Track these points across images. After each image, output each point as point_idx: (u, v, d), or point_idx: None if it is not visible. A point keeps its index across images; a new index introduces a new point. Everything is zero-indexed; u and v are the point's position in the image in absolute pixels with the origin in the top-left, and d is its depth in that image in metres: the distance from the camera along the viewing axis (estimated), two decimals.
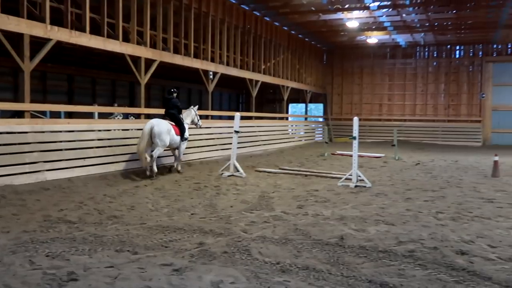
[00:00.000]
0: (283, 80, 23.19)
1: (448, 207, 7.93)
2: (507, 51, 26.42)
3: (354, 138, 10.54)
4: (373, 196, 9.04)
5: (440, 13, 20.47)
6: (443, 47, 27.65)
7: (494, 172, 12.31)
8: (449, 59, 27.55)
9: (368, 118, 28.91)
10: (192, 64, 15.71)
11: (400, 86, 28.54)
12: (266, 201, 8.35)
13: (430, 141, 26.70)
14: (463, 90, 27.24)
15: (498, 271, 4.68)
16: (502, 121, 26.36)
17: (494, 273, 4.59)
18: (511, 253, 5.28)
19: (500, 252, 5.30)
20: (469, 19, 21.22)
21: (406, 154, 18.87)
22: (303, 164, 14.87)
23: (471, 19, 21.20)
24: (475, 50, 27.06)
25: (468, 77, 27.18)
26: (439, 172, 13.21)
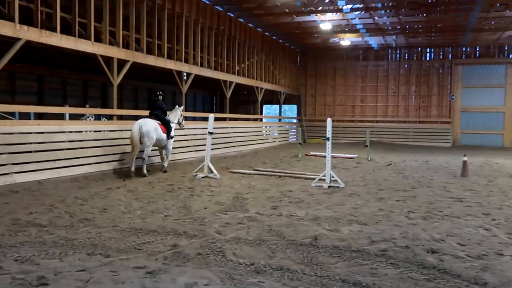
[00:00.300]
0: (257, 82, 23.23)
1: (419, 207, 8.07)
2: (475, 54, 27.09)
3: (327, 139, 10.63)
4: (346, 196, 9.13)
5: (411, 16, 20.85)
6: (414, 49, 28.16)
7: (463, 172, 12.59)
8: (420, 62, 28.08)
9: (342, 119, 29.20)
10: (166, 65, 15.59)
11: (372, 87, 28.94)
12: (240, 202, 8.34)
13: (402, 141, 27.16)
14: (433, 92, 27.80)
15: (467, 268, 4.78)
16: (470, 122, 27.01)
17: (463, 271, 4.69)
18: (480, 250, 5.41)
19: (469, 250, 5.42)
20: (439, 23, 21.68)
21: (378, 154, 19.13)
22: (277, 165, 14.92)
23: (441, 23, 21.67)
24: (445, 52, 27.66)
25: (438, 79, 27.76)
26: (411, 172, 13.43)
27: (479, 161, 16.96)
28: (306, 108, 30.36)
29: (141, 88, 25.63)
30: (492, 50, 26.66)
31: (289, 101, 30.51)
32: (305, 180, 11.34)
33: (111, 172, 11.93)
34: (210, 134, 12.12)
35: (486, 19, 20.49)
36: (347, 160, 16.69)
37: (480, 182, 11.45)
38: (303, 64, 30.31)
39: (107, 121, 14.17)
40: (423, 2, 18.41)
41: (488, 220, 7.05)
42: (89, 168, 11.50)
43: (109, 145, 12.49)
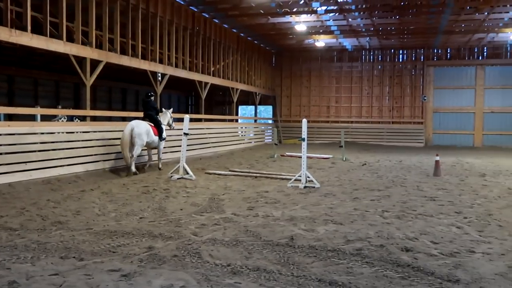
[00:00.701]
0: (232, 82, 23.21)
1: (393, 206, 8.18)
2: (446, 56, 27.64)
3: (303, 140, 10.69)
4: (322, 196, 9.19)
5: (384, 18, 21.16)
6: (387, 51, 28.54)
7: (435, 171, 12.82)
8: (393, 63, 28.48)
9: (317, 120, 29.40)
10: (140, 65, 15.44)
11: (346, 88, 29.22)
12: (216, 203, 8.31)
13: (376, 142, 27.52)
14: (406, 93, 28.23)
15: (440, 266, 4.87)
16: (442, 123, 27.56)
17: (436, 268, 4.78)
18: (452, 248, 5.52)
19: (442, 248, 5.52)
20: (411, 25, 22.05)
21: (353, 155, 19.33)
22: (253, 165, 14.93)
23: (413, 25, 22.04)
24: (417, 54, 28.12)
25: (411, 80, 28.21)
26: (385, 172, 13.62)
27: (451, 160, 17.30)
28: (281, 108, 30.46)
29: (115, 89, 25.32)
30: (463, 52, 27.24)
31: (265, 102, 30.56)
32: (281, 181, 11.37)
33: (84, 174, 11.75)
34: (186, 135, 12.06)
35: (457, 21, 20.94)
36: (322, 161, 16.81)
37: (452, 181, 11.68)
38: (278, 65, 30.41)
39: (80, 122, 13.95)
40: (396, 4, 18.70)
41: (460, 218, 7.19)
42: (62, 170, 11.30)
43: (83, 146, 12.31)
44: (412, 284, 4.36)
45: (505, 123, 26.44)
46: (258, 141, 26.70)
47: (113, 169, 12.89)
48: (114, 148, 13.48)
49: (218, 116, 25.21)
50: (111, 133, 13.63)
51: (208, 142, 19.75)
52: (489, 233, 6.31)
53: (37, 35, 11.22)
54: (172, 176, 11.58)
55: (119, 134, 13.95)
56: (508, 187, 10.70)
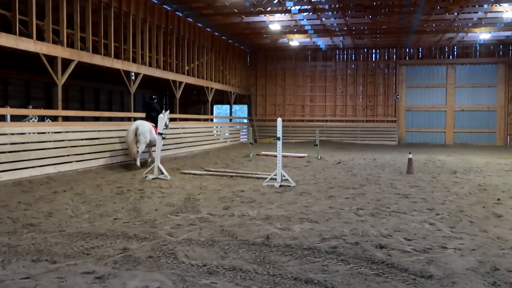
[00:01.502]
0: (207, 82, 23.12)
1: (368, 204, 8.28)
2: (418, 55, 28.10)
3: (278, 139, 10.72)
4: (297, 195, 9.24)
5: (357, 18, 21.38)
6: (360, 50, 28.85)
7: (408, 169, 13.04)
8: (366, 62, 28.81)
9: (292, 119, 29.52)
10: (113, 64, 15.24)
11: (321, 87, 29.42)
12: (191, 203, 8.28)
13: (350, 140, 27.80)
14: (379, 92, 28.59)
15: (413, 262, 4.95)
16: (415, 121, 28.02)
17: (410, 265, 4.86)
18: (425, 244, 5.62)
19: (415, 245, 5.62)
20: (384, 24, 22.35)
21: (328, 153, 19.49)
22: (228, 165, 14.93)
23: (385, 24, 22.34)
24: (390, 53, 28.51)
25: (384, 79, 28.58)
26: (359, 170, 13.78)
27: (423, 158, 17.61)
28: (256, 108, 30.49)
29: (88, 89, 24.93)
30: (434, 51, 27.74)
31: (240, 101, 30.54)
32: (257, 180, 11.39)
33: (57, 175, 11.54)
34: (160, 135, 11.98)
35: (428, 21, 21.32)
36: (297, 159, 16.90)
37: (424, 178, 11.89)
38: (253, 64, 30.42)
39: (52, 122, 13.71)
40: (369, 4, 18.92)
41: (433, 215, 7.33)
42: (33, 172, 11.08)
43: (54, 147, 12.10)
44: (387, 280, 4.42)
45: (475, 121, 27.07)
46: (234, 141, 26.67)
47: (86, 170, 12.71)
48: (87, 149, 13.30)
49: (193, 116, 25.09)
50: (84, 133, 13.43)
51: (183, 141, 19.63)
52: (460, 229, 6.45)
53: (6, 34, 10.95)
54: (146, 176, 11.48)
55: (92, 134, 13.77)
56: (478, 183, 10.94)
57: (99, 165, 13.46)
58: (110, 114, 19.60)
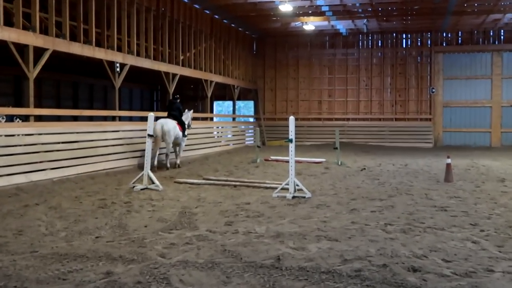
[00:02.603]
0: (205, 74, 23.17)
1: (398, 218, 8.24)
2: (457, 41, 28.02)
3: (290, 141, 10.70)
4: (313, 208, 9.21)
5: None
6: (388, 35, 28.84)
7: (446, 176, 12.96)
8: (395, 49, 28.78)
9: (306, 117, 29.55)
10: (94, 54, 15.31)
11: (341, 80, 29.42)
12: (188, 218, 8.28)
13: (377, 142, 27.75)
14: (411, 84, 28.54)
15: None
16: (454, 119, 27.93)
17: None
18: (467, 267, 5.56)
19: (455, 267, 5.57)
20: (416, 4, 22.28)
21: (350, 158, 19.44)
22: (231, 172, 14.93)
23: (417, 4, 22.27)
24: (423, 39, 28.47)
25: (417, 69, 28.53)
26: (387, 178, 13.73)
27: (465, 163, 17.52)
28: (264, 104, 30.54)
29: (65, 83, 25.05)
30: (476, 36, 27.65)
31: (245, 96, 30.59)
32: (265, 190, 11.38)
33: (28, 185, 11.59)
34: (150, 137, 12.00)
35: (468, 0, 21.22)
36: (313, 165, 16.87)
37: (466, 187, 11.82)
38: (261, 53, 30.49)
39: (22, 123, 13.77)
40: None
41: (476, 232, 7.27)
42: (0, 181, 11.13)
43: (25, 152, 12.16)
44: None
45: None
46: (238, 143, 26.69)
47: (63, 179, 12.76)
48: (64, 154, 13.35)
49: None
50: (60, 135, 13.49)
51: None
52: (510, 248, 6.39)
53: None
54: (134, 186, 11.50)
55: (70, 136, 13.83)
56: None
57: (78, 173, 13.51)
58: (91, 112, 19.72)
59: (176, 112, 16.20)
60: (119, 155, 15.62)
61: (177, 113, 16.20)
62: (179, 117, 16.20)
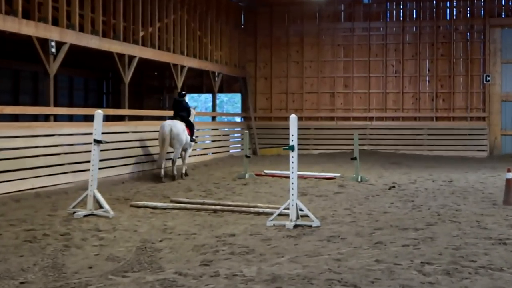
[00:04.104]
0: (175, 56, 23.11)
1: (440, 255, 8.22)
2: None
3: (291, 149, 10.67)
4: (323, 241, 9.18)
5: None
6: (426, 3, 28.89)
7: (507, 197, 12.95)
8: (436, 22, 28.81)
9: (314, 117, 29.55)
10: (21, 28, 15.25)
11: (362, 64, 29.44)
12: (149, 256, 8.24)
13: (410, 150, 27.73)
14: (457, 71, 28.56)
15: None
16: None
17: None
18: None
19: None
20: None
21: (373, 172, 19.45)
22: (210, 192, 14.92)
23: None
24: (474, 8, 28.51)
25: (465, 50, 28.56)
26: (425, 199, 13.74)
27: None
28: (256, 98, 30.48)
29: None
30: None
31: (229, 87, 30.58)
32: (256, 217, 11.35)
33: None
34: (98, 143, 11.95)
35: None
36: (324, 182, 16.85)
37: None
38: (251, 28, 30.47)
39: None
40: None
41: None
42: None
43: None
44: None
45: None
46: (219, 152, 26.62)
47: None
48: None
49: (152, 112, 25.06)
50: None
51: (136, 154, 19.58)
52: None
53: None
54: (75, 212, 11.44)
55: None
56: None
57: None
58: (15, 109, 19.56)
59: (184, 113, 18.48)
60: (55, 168, 15.52)
61: (185, 113, 18.50)
62: (187, 119, 18.44)
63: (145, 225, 10.56)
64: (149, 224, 10.70)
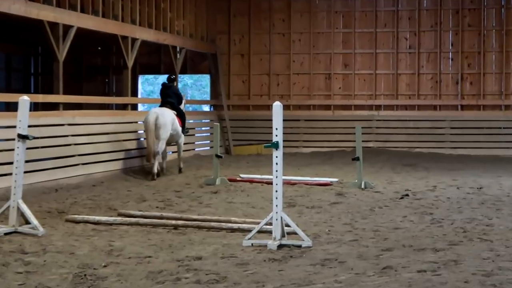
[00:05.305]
0: (124, 26, 23.06)
1: (466, 283, 8.24)
2: None
3: (274, 147, 10.67)
4: (316, 265, 9.18)
5: None
6: None
7: None
8: None
9: (305, 105, 29.60)
10: None
11: (365, 37, 29.53)
12: (90, 285, 8.22)
13: (429, 148, 27.89)
14: (489, 46, 28.72)
15: None
16: None
17: None
18: None
19: None
20: None
21: (381, 176, 19.54)
22: (170, 203, 14.96)
23: None
24: None
25: (499, 19, 28.70)
26: (447, 211, 13.81)
27: None
28: (230, 81, 30.47)
29: None
30: None
31: (195, 67, 30.57)
32: (230, 234, 11.38)
33: None
34: (24, 139, 11.91)
35: None
36: (317, 190, 16.89)
37: None
38: None
39: None
40: None
41: None
42: None
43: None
44: None
45: None
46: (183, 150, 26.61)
47: None
48: None
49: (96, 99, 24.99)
50: None
51: (74, 153, 19.54)
52: None
53: None
54: None
55: None
56: None
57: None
58: None
59: (174, 99, 20.44)
60: None
61: (175, 100, 20.46)
62: (176, 106, 20.38)
63: (85, 246, 10.52)
64: (90, 244, 10.67)
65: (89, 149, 20.39)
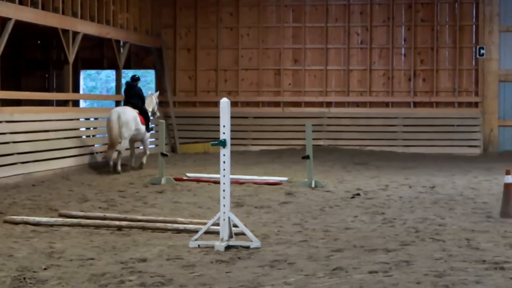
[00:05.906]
0: (65, 19, 22.91)
1: (418, 284, 8.32)
2: None
3: (222, 144, 10.70)
4: (265, 267, 9.20)
5: None
6: None
7: (505, 207, 13.18)
8: None
9: (253, 101, 29.61)
10: None
11: (316, 32, 29.61)
12: None
13: (381, 146, 28.06)
14: (443, 42, 28.96)
15: None
16: None
17: None
18: None
19: None
20: None
21: (332, 175, 19.63)
22: (113, 203, 14.95)
23: None
24: None
25: (453, 14, 28.95)
26: (399, 211, 13.94)
27: None
28: (176, 76, 30.39)
29: None
30: None
31: (139, 62, 30.45)
32: (176, 235, 11.39)
33: None
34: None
35: None
36: (266, 189, 16.92)
37: None
38: None
39: None
40: None
41: None
42: None
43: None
44: None
45: None
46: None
47: None
48: None
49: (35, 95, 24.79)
50: None
51: (12, 152, 19.38)
52: None
53: None
54: None
55: None
56: None
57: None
58: None
59: (136, 100, 21.53)
60: None
61: (136, 100, 21.52)
62: (139, 105, 21.45)
63: (24, 248, 10.46)
64: (29, 246, 10.60)
65: (29, 147, 20.25)
